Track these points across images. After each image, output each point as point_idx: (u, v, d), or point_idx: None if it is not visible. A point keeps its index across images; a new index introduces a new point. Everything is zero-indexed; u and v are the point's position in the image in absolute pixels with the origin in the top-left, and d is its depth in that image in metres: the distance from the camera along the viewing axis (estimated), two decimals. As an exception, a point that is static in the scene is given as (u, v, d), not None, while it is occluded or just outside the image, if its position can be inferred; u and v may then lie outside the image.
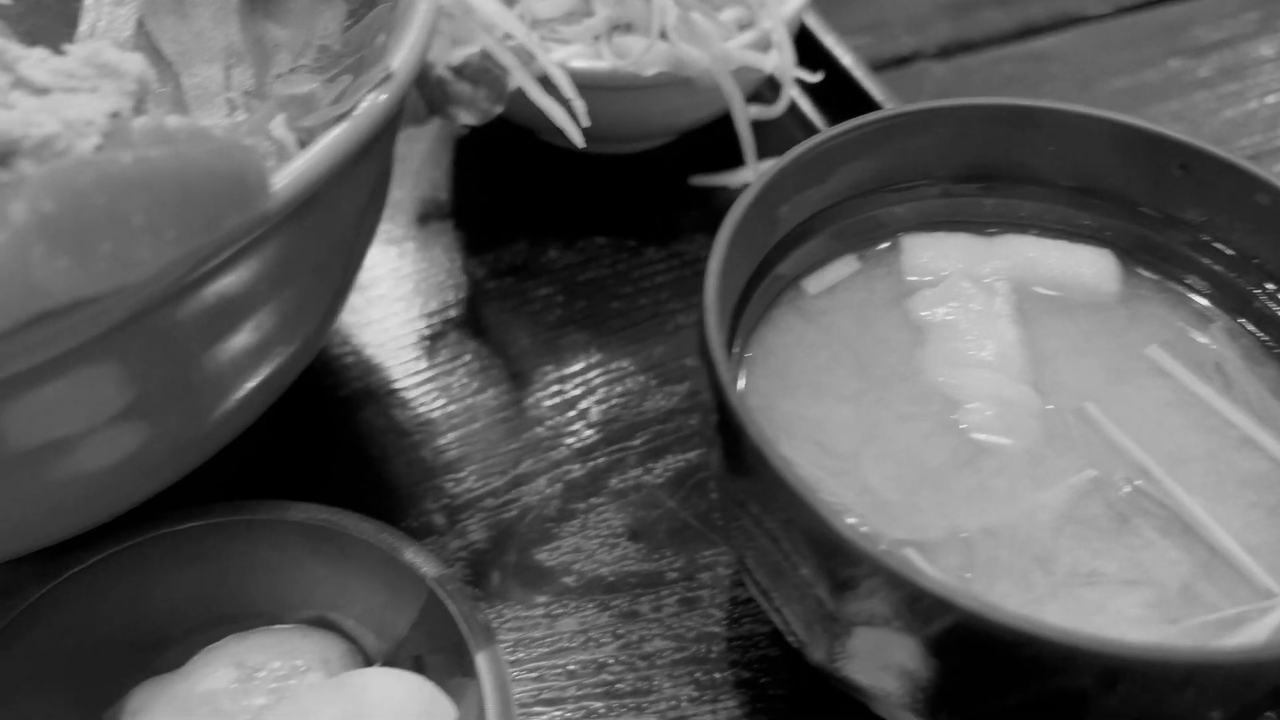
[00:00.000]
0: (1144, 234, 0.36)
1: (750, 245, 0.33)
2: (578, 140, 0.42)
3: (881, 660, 0.27)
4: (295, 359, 0.35)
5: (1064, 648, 0.23)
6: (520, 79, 0.41)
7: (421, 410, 0.43)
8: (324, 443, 0.42)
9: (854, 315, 0.35)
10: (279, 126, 0.29)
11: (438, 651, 0.33)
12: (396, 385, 0.44)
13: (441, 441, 0.42)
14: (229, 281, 0.29)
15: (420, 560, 0.33)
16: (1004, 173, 0.37)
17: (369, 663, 0.34)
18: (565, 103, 0.43)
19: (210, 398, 0.32)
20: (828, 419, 0.32)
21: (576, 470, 0.42)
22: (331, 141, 0.27)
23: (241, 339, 0.31)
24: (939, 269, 0.36)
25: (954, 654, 0.25)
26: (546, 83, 0.44)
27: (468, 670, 0.31)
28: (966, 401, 0.32)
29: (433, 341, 0.46)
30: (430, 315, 0.47)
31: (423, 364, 0.45)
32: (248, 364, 0.33)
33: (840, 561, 0.25)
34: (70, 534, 0.33)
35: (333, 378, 0.44)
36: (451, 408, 0.44)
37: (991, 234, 0.37)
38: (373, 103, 0.28)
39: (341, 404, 0.44)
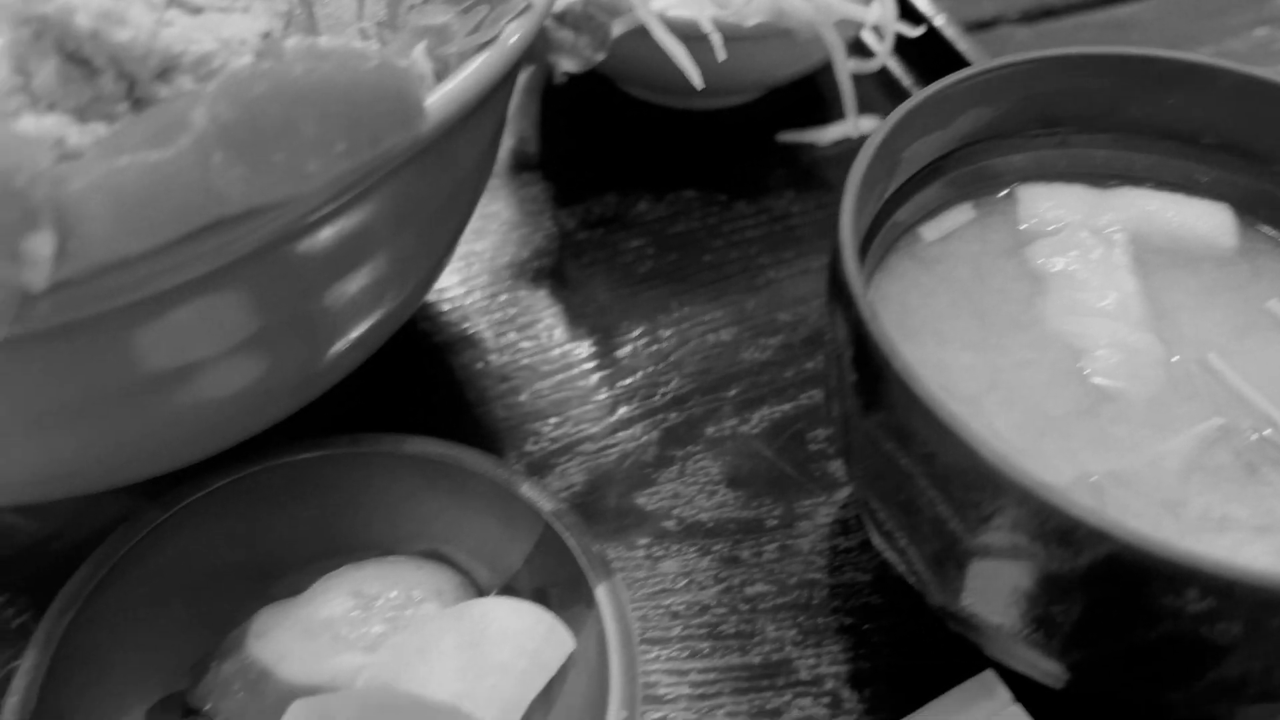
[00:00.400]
0: (1265, 189, 0.36)
1: (872, 189, 0.33)
2: (697, 82, 0.42)
3: (1016, 596, 0.27)
4: (410, 300, 0.35)
5: (1225, 582, 0.22)
6: (644, 17, 0.41)
7: (517, 356, 0.44)
8: (423, 386, 0.43)
9: (970, 263, 0.35)
10: (419, 55, 0.29)
11: (552, 585, 0.33)
12: (492, 332, 0.44)
13: (538, 387, 0.43)
14: (361, 215, 0.29)
15: (536, 495, 0.33)
16: (1122, 124, 0.36)
17: (481, 595, 0.34)
18: (671, 53, 0.43)
19: (329, 333, 0.32)
20: (951, 364, 0.32)
21: (673, 418, 0.42)
22: (479, 68, 0.27)
23: (364, 276, 0.32)
24: (1056, 219, 0.36)
25: (1102, 588, 0.25)
26: (643, 33, 0.43)
27: (585, 602, 0.32)
28: (1089, 349, 0.32)
29: (526, 290, 0.46)
30: (523, 264, 0.47)
31: (516, 311, 0.45)
32: (367, 302, 0.33)
33: (986, 493, 0.25)
34: (193, 461, 0.33)
35: (429, 323, 0.45)
36: (548, 354, 0.44)
37: (1107, 186, 0.37)
38: (516, 32, 0.28)
39: (439, 349, 0.44)
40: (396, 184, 0.29)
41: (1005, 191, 0.37)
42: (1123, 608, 0.25)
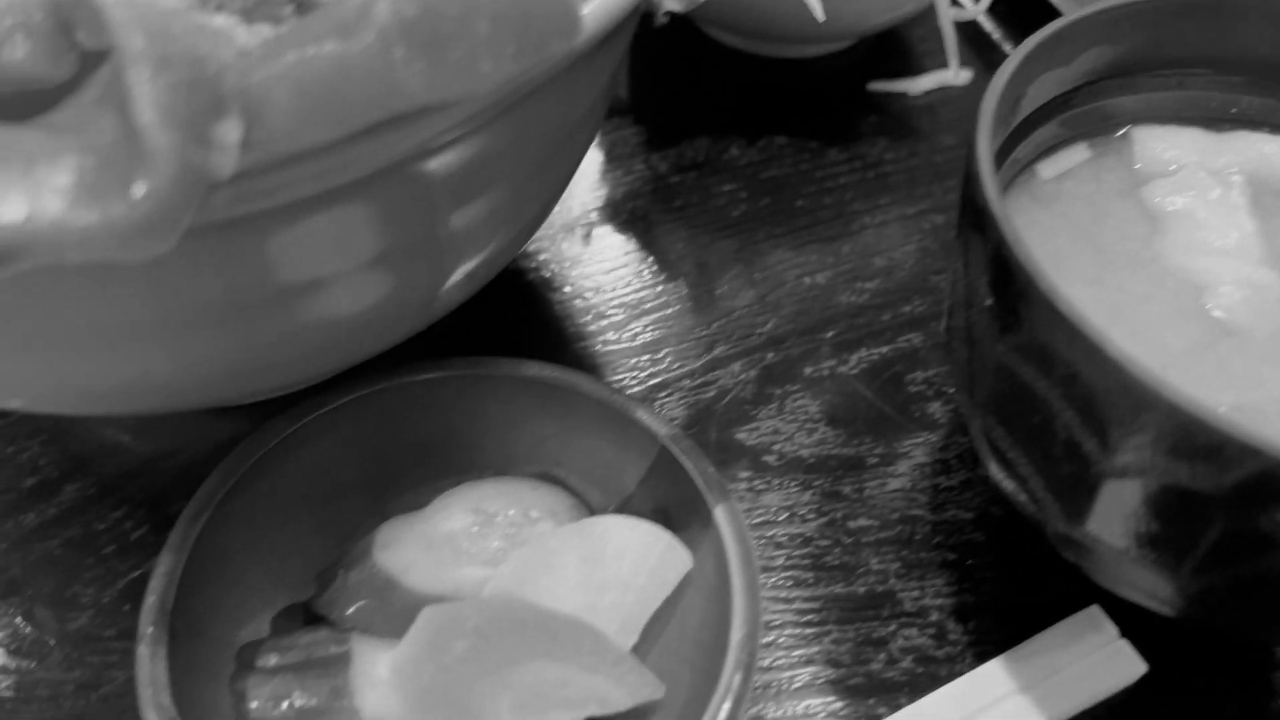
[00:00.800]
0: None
1: (999, 122, 0.33)
2: (819, 14, 0.41)
3: (1148, 518, 0.27)
4: (528, 229, 0.36)
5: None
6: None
7: (613, 295, 0.44)
8: (520, 324, 0.43)
9: (1087, 202, 0.35)
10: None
11: (667, 507, 0.33)
12: (587, 270, 0.45)
13: (634, 325, 0.43)
14: (508, 128, 0.29)
15: (652, 419, 0.34)
16: (1239, 67, 0.36)
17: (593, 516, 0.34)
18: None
19: (454, 257, 0.33)
20: (1074, 300, 0.32)
21: (770, 357, 0.42)
22: (624, -12, 0.27)
23: (495, 199, 0.32)
24: (1172, 160, 0.36)
25: (1244, 508, 0.25)
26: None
27: (702, 524, 0.32)
28: (1211, 285, 0.32)
29: (621, 231, 0.46)
30: (616, 205, 0.47)
31: (613, 251, 0.46)
32: (492, 228, 0.33)
33: (1130, 411, 0.25)
34: (317, 377, 0.34)
35: (526, 260, 0.45)
36: (643, 294, 0.44)
37: (1223, 129, 0.37)
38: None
39: (535, 287, 0.44)
40: (541, 99, 0.29)
41: (1121, 132, 0.37)
42: (1261, 529, 0.25)
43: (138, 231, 0.20)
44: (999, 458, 0.31)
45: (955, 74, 0.51)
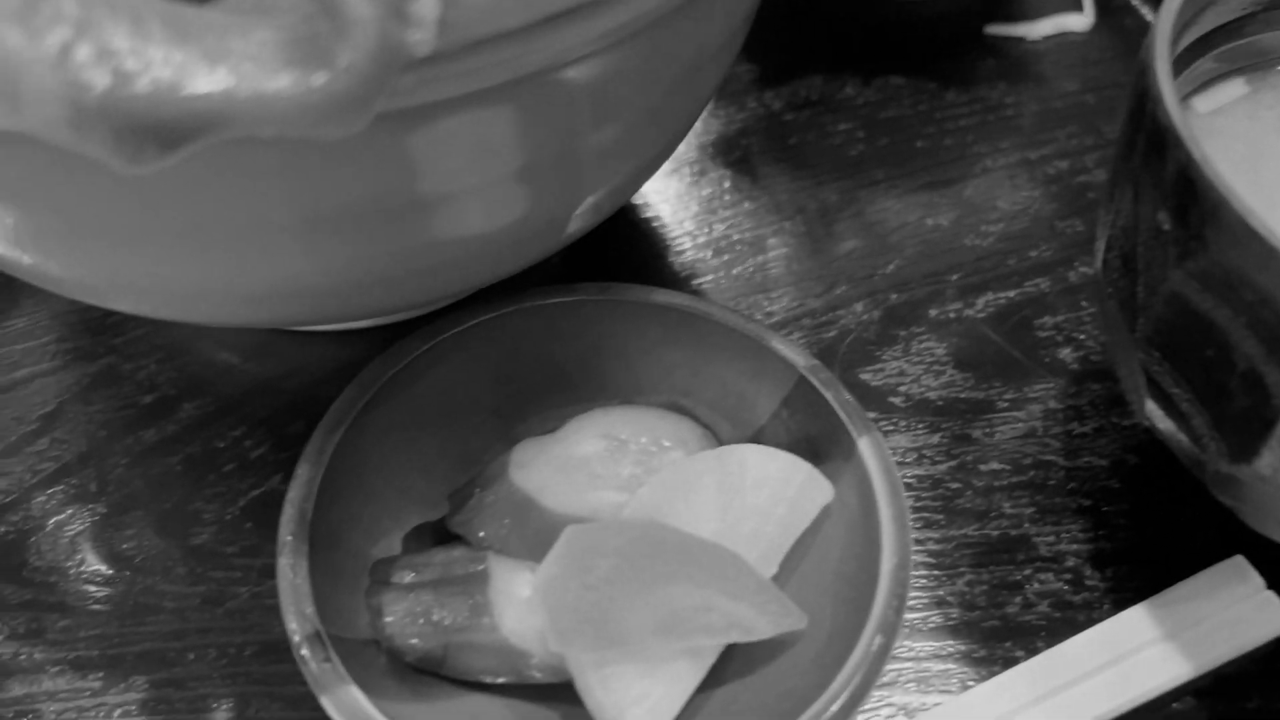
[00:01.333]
0: None
1: (1170, 46, 0.31)
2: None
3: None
4: (655, 162, 0.35)
5: None
6: None
7: (729, 232, 0.43)
8: (636, 259, 0.42)
9: (1245, 139, 0.33)
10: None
11: (804, 440, 0.32)
12: (703, 208, 0.44)
13: (751, 263, 0.42)
14: (667, 38, 0.28)
15: (788, 349, 0.33)
16: None
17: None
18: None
19: (587, 179, 0.32)
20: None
21: (894, 298, 0.41)
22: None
23: (626, 122, 0.31)
24: (1339, 96, 0.34)
25: None
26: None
27: (844, 456, 0.31)
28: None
29: (736, 168, 0.45)
30: (731, 141, 0.46)
31: (728, 188, 0.45)
32: (623, 152, 0.32)
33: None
34: (438, 300, 0.33)
35: (642, 197, 0.44)
36: (759, 231, 0.43)
37: (1391, 66, 0.35)
38: None
39: (650, 222, 0.43)
40: (703, 10, 0.28)
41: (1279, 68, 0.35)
42: None
43: (335, 106, 0.20)
44: (1158, 395, 0.30)
45: (1084, 16, 0.49)
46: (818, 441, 0.32)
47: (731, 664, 0.29)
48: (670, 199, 0.44)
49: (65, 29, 0.19)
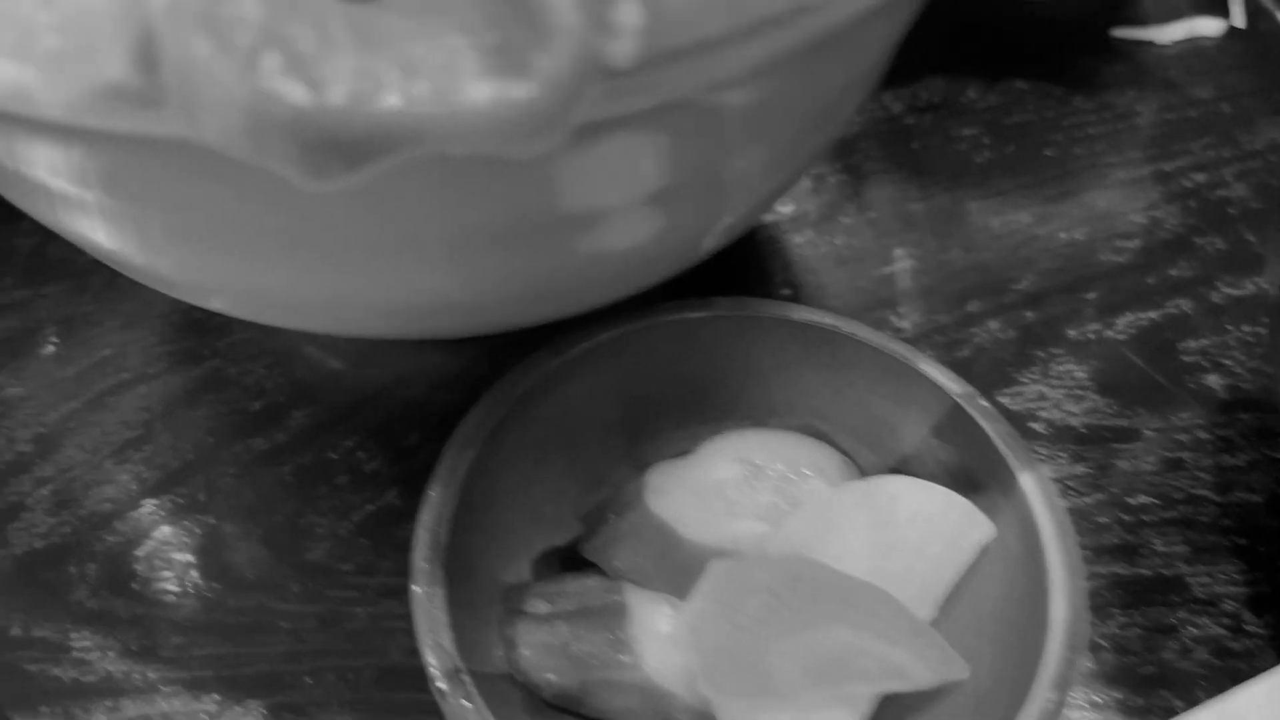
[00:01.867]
0: None
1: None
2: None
3: None
4: (795, 177, 0.33)
5: None
6: None
7: (851, 240, 0.41)
8: (757, 269, 0.40)
9: None
10: None
11: (955, 472, 0.31)
12: (820, 214, 0.42)
13: (877, 274, 0.40)
14: (835, 55, 0.26)
15: (939, 373, 0.31)
16: None
17: (862, 477, 0.32)
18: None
19: (730, 200, 0.30)
20: None
21: (1030, 316, 0.39)
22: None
23: (774, 143, 0.29)
24: None
25: None
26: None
27: (1002, 491, 0.29)
28: None
29: (855, 173, 0.43)
30: (850, 144, 0.44)
31: (850, 193, 0.43)
32: (765, 174, 0.30)
33: None
34: (582, 310, 0.31)
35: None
36: (884, 241, 0.41)
37: None
38: None
39: (772, 231, 0.42)
40: (871, 27, 0.26)
41: None
42: None
43: (533, 121, 0.18)
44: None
45: (1221, 21, 0.46)
46: (972, 474, 0.30)
47: (884, 715, 0.28)
48: (788, 207, 0.42)
49: (250, 33, 0.17)
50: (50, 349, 0.37)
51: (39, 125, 0.21)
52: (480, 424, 0.30)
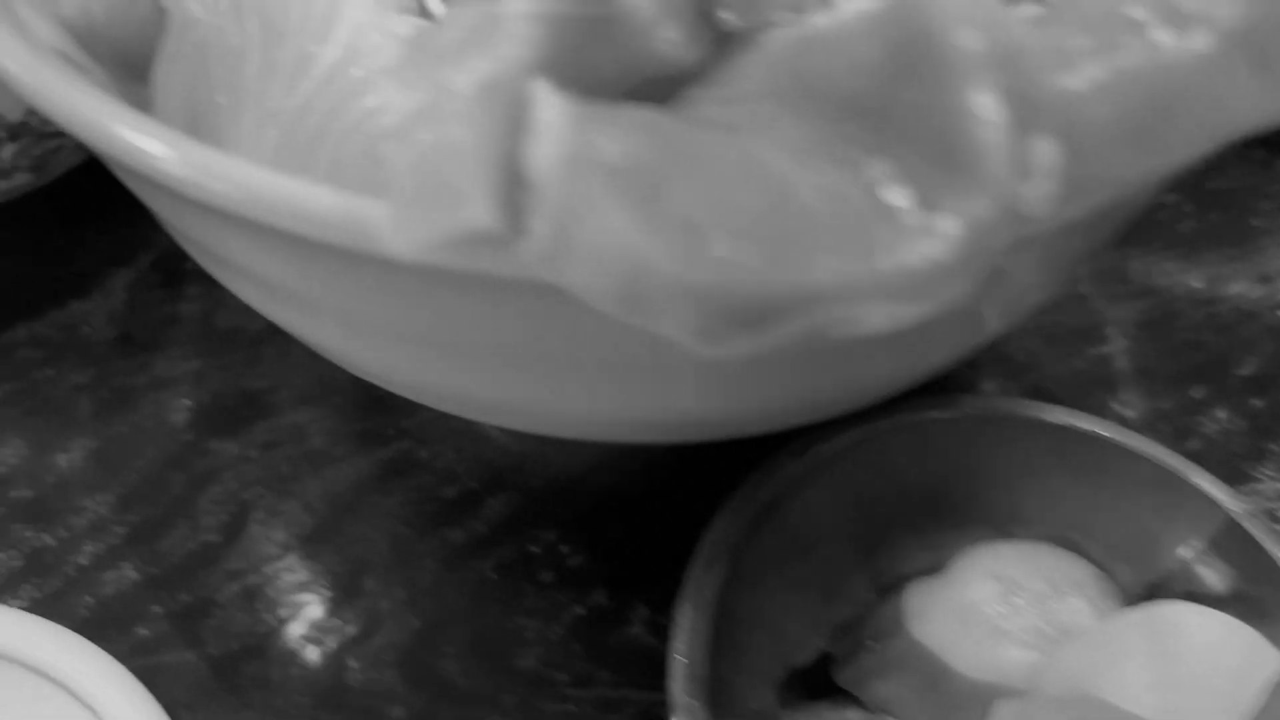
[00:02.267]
0: None
1: None
2: None
3: None
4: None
5: None
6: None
7: (1060, 316, 0.38)
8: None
9: None
10: None
11: (1230, 594, 0.28)
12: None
13: (1091, 353, 0.38)
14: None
15: (1212, 486, 0.29)
16: None
17: (1122, 595, 0.30)
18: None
19: (1004, 316, 0.28)
20: None
21: (1256, 404, 0.36)
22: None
23: (1065, 266, 0.27)
24: None
25: None
26: None
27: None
28: None
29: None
30: (1043, 213, 0.42)
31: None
32: (1043, 289, 0.28)
33: None
34: (837, 413, 0.29)
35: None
36: (1095, 317, 0.39)
37: None
38: None
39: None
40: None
41: None
42: None
43: (948, 275, 0.16)
44: None
45: None
46: (1253, 599, 0.28)
47: None
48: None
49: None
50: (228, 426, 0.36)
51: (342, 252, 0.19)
52: (725, 537, 0.28)
